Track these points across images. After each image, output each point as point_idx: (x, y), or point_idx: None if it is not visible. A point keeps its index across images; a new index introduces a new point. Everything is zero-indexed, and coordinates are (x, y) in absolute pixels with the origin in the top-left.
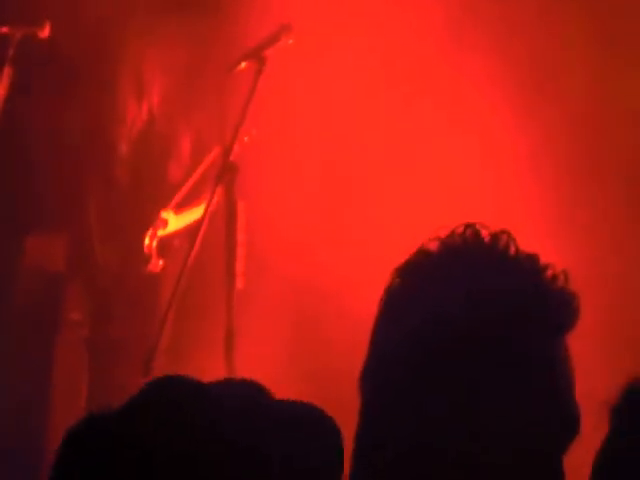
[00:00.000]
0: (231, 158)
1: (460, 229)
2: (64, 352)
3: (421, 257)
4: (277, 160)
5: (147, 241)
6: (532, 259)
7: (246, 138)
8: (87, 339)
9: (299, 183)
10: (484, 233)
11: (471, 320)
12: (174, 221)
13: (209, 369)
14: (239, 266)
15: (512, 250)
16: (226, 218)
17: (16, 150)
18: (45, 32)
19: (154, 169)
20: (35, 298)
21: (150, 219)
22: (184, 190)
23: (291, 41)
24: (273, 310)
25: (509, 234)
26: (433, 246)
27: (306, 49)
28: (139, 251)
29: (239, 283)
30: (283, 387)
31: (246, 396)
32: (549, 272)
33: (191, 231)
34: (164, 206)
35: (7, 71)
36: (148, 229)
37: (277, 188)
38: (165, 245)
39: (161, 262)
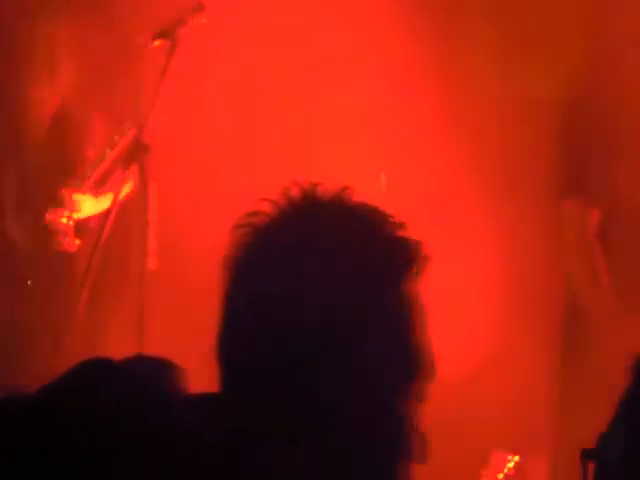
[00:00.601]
0: (144, 139)
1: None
2: None
3: (256, 218)
4: (190, 142)
5: (64, 220)
6: (373, 210)
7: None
8: None
9: (212, 165)
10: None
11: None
12: (89, 201)
13: (120, 348)
14: (151, 246)
15: (351, 203)
16: (138, 199)
17: None
18: None
19: (67, 150)
20: None
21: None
22: (99, 171)
23: (204, 20)
24: (184, 291)
25: (349, 189)
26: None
27: (219, 28)
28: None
29: (151, 263)
30: (193, 365)
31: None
32: (390, 220)
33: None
34: (78, 186)
35: None
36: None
37: (190, 170)
38: (81, 225)
39: (77, 242)
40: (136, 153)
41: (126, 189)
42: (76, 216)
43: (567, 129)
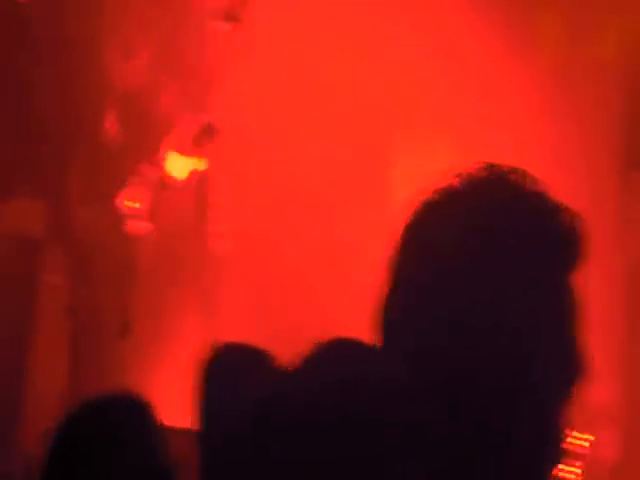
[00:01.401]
0: (209, 120)
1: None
2: (43, 317)
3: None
4: (255, 123)
5: (134, 204)
6: (541, 197)
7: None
8: (67, 304)
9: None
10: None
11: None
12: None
13: (187, 329)
14: (216, 228)
15: (522, 189)
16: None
17: None
18: None
19: (136, 133)
20: (12, 263)
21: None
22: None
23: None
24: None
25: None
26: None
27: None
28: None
29: (212, 243)
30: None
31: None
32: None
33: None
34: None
35: None
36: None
37: (254, 151)
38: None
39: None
40: (202, 134)
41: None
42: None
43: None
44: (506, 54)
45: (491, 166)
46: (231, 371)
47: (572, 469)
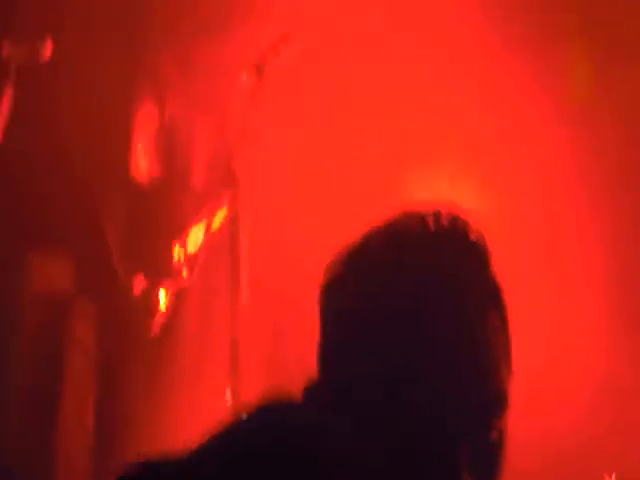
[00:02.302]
0: (233, 171)
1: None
2: (72, 369)
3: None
4: (280, 174)
5: (176, 255)
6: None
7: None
8: (94, 357)
9: (303, 197)
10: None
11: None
12: (198, 235)
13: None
14: (242, 279)
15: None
16: (229, 233)
17: (20, 162)
18: (48, 50)
19: (174, 182)
20: (42, 316)
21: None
22: (205, 204)
23: (291, 51)
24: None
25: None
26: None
27: (309, 58)
28: (165, 265)
29: (243, 297)
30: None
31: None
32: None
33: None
34: (186, 222)
35: (8, 91)
36: (172, 243)
37: (281, 199)
38: (192, 259)
39: (188, 275)
40: (226, 185)
41: (217, 221)
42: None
43: None
44: (534, 88)
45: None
46: None
47: None
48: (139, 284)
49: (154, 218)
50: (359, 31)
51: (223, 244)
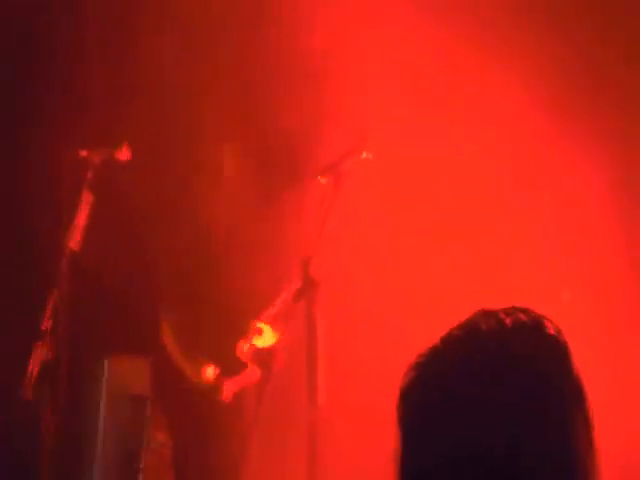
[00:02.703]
0: (311, 273)
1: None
2: (149, 475)
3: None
4: (356, 275)
5: (244, 350)
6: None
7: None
8: (172, 461)
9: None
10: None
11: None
12: (268, 332)
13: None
14: (320, 381)
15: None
16: (307, 334)
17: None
18: (125, 154)
19: (239, 280)
20: (122, 419)
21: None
22: (277, 302)
23: (369, 155)
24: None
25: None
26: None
27: (386, 162)
28: (232, 363)
29: (321, 398)
30: None
31: None
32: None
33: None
34: (252, 318)
35: (86, 195)
36: (240, 340)
37: (356, 303)
38: (260, 355)
39: (258, 371)
40: (306, 288)
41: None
42: (257, 344)
43: None
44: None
45: (489, 313)
46: None
47: None
48: (207, 380)
49: (221, 317)
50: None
51: (301, 345)
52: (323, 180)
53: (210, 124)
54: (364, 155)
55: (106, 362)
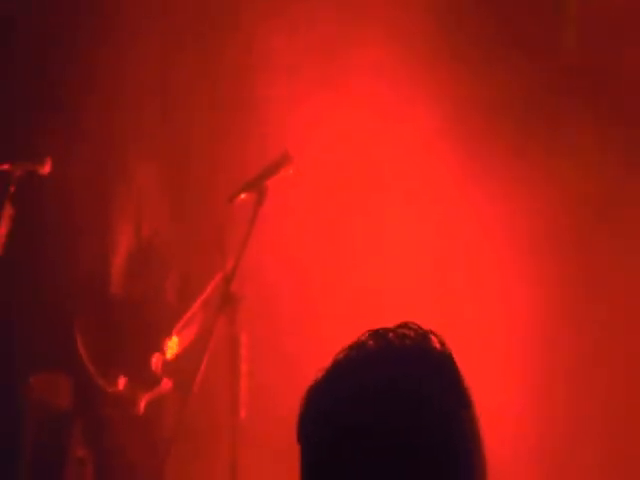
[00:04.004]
0: (233, 289)
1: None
2: None
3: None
4: (279, 290)
5: (155, 363)
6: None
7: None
8: (91, 477)
9: (301, 313)
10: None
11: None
12: (177, 345)
13: None
14: (243, 396)
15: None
16: (229, 348)
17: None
18: (46, 168)
19: (153, 295)
20: (44, 437)
21: (151, 345)
22: (187, 316)
23: (291, 171)
24: (274, 443)
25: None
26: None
27: (306, 178)
28: (144, 376)
29: (242, 413)
30: None
31: None
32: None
33: (194, 356)
34: (164, 332)
35: (7, 209)
36: (151, 354)
37: (279, 318)
38: (171, 367)
39: (170, 382)
40: (227, 303)
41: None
42: (167, 356)
43: None
44: None
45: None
46: None
47: None
48: (120, 392)
49: (132, 330)
50: (358, 154)
51: (222, 360)
52: (244, 196)
53: (131, 139)
54: (286, 171)
55: (30, 378)
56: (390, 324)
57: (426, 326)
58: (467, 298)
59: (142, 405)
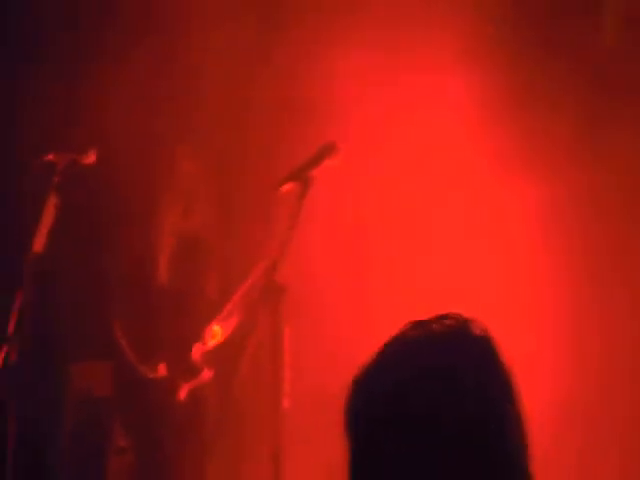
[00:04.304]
0: (279, 279)
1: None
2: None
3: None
4: (323, 281)
5: (195, 353)
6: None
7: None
8: (133, 465)
9: (345, 304)
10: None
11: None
12: (220, 334)
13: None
14: (286, 387)
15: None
16: (271, 339)
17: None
18: (90, 159)
19: (197, 284)
20: (85, 425)
21: (192, 334)
22: (230, 306)
23: (337, 161)
24: (319, 433)
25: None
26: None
27: (351, 168)
28: (185, 365)
29: (286, 403)
30: None
31: None
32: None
33: (237, 346)
34: (206, 321)
35: (52, 199)
36: (193, 343)
37: (323, 309)
38: (212, 357)
39: (210, 372)
40: (271, 293)
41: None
42: (209, 346)
43: None
44: None
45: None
46: None
47: None
48: (161, 379)
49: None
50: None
51: (265, 351)
52: (290, 186)
53: (178, 128)
54: (331, 161)
55: (71, 365)
56: (437, 313)
57: (471, 307)
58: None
59: (183, 393)
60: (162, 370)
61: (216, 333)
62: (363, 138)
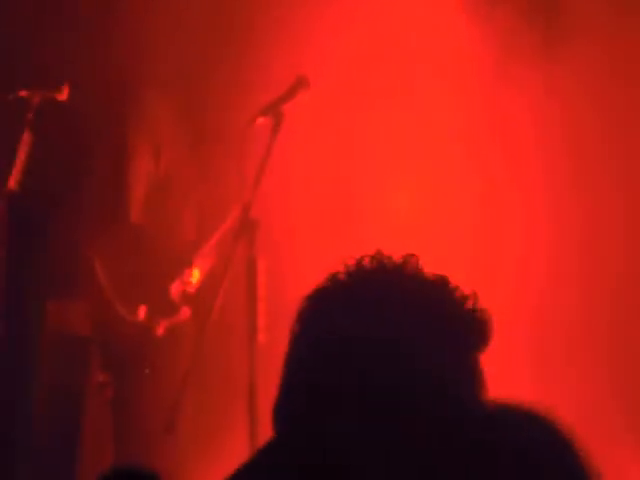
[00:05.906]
0: (252, 215)
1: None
2: (91, 414)
3: (329, 284)
4: (296, 215)
5: (174, 292)
6: (442, 281)
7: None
8: (111, 400)
9: (318, 237)
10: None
11: (379, 339)
12: (197, 274)
13: (231, 422)
14: (260, 321)
15: (420, 274)
16: (246, 274)
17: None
18: (64, 95)
19: (172, 225)
20: (62, 361)
21: (171, 274)
22: (208, 245)
23: (307, 95)
24: None
25: (416, 258)
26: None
27: (323, 103)
28: (164, 305)
29: (261, 337)
30: None
31: None
32: (458, 294)
33: (213, 283)
34: (184, 261)
35: (26, 135)
36: (171, 283)
37: (298, 243)
38: (190, 296)
39: (189, 310)
40: (245, 229)
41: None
42: (185, 285)
43: None
44: None
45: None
46: None
47: None
48: (141, 320)
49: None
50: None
51: (240, 285)
52: (261, 121)
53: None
54: (304, 96)
55: (47, 304)
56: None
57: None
58: None
59: (160, 330)
60: (141, 312)
61: (194, 272)
62: (340, 70)
